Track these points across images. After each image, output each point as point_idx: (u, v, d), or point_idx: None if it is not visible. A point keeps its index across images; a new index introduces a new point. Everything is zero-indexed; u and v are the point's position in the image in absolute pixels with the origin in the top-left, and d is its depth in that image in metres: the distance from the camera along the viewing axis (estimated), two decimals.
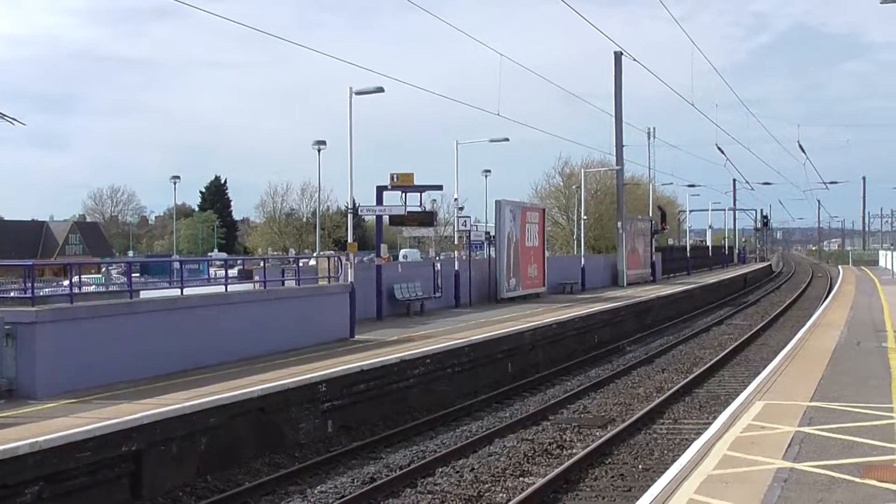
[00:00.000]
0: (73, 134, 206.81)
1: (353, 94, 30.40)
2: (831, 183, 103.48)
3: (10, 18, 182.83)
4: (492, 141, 46.55)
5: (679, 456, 13.25)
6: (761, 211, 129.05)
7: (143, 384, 18.48)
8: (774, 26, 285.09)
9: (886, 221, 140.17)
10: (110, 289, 29.45)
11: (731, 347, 32.53)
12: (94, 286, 33.25)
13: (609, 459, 17.08)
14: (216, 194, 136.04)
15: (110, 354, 18.91)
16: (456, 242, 43.84)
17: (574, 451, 17.80)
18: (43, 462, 13.42)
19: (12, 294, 23.19)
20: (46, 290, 30.20)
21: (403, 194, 34.34)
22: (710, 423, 15.83)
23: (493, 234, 44.99)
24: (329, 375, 20.04)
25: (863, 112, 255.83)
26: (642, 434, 19.18)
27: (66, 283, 24.15)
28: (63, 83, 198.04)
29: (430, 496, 15.12)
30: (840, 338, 26.04)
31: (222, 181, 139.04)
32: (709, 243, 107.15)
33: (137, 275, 42.07)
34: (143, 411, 15.60)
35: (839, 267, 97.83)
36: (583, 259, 57.26)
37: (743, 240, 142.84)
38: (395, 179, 34.48)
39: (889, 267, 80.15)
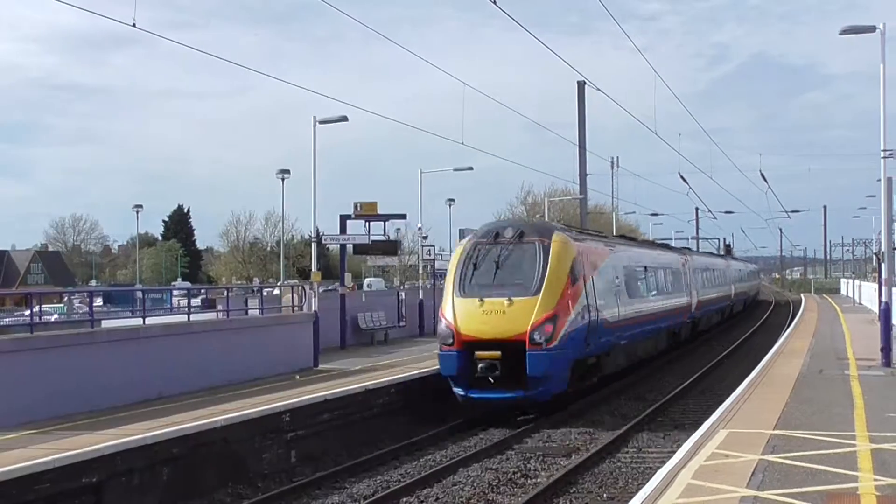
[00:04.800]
0: (34, 162, 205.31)
1: (317, 123, 30.41)
2: (793, 212, 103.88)
3: None
4: (456, 170, 46.78)
5: (643, 485, 13.23)
6: (724, 239, 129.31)
7: (105, 414, 18.31)
8: (735, 57, 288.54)
9: (847, 250, 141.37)
10: (72, 318, 29.23)
11: (694, 376, 32.58)
12: (55, 316, 33.03)
13: (574, 488, 17.03)
14: (179, 223, 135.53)
15: (71, 384, 18.73)
16: (420, 271, 43.81)
17: (539, 480, 17.74)
18: (0, 494, 13.22)
19: None
20: (7, 319, 29.89)
21: (367, 223, 34.33)
22: (674, 452, 15.83)
23: None
24: (292, 405, 19.92)
25: (822, 142, 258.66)
26: (607, 463, 19.14)
27: (27, 312, 23.93)
28: (23, 111, 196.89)
29: None
30: (803, 366, 26.17)
31: (185, 210, 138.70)
32: None
33: (100, 304, 41.72)
34: (104, 442, 15.44)
35: (801, 295, 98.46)
36: None
37: None
38: (358, 208, 34.46)
39: (850, 295, 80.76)
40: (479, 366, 23.05)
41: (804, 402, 19.27)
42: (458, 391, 23.84)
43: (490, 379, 23.05)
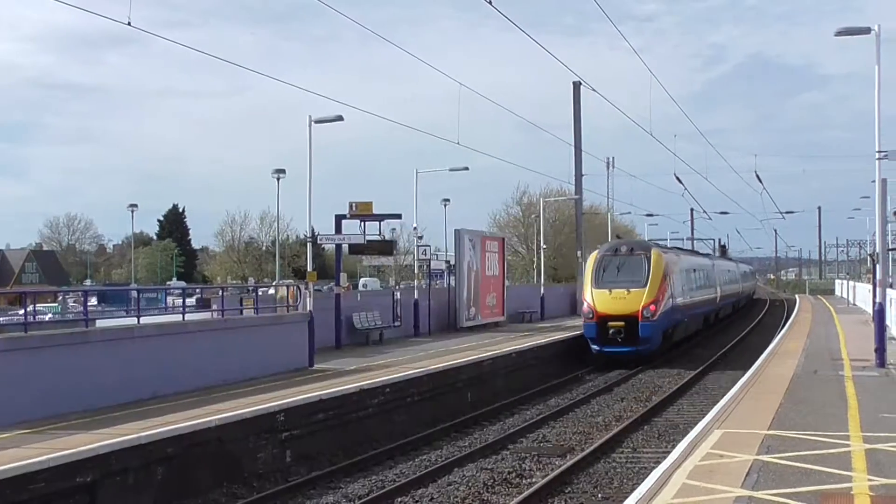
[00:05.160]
0: (29, 162, 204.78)
1: (313, 123, 30.37)
2: (788, 213, 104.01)
3: None
4: (451, 170, 46.74)
5: (638, 485, 13.25)
6: (719, 240, 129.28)
7: (99, 414, 18.28)
8: (731, 58, 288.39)
9: (842, 251, 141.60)
10: (66, 318, 29.21)
11: (689, 376, 32.64)
12: (49, 315, 32.97)
13: (569, 488, 17.06)
14: (174, 223, 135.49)
15: (65, 384, 18.70)
16: (416, 271, 43.83)
17: (533, 480, 17.76)
18: None
19: None
20: (0, 319, 29.85)
21: (362, 223, 34.31)
22: (668, 452, 15.85)
23: (452, 263, 45.04)
24: (287, 405, 19.92)
25: (818, 143, 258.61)
26: (601, 463, 19.17)
27: (21, 311, 23.92)
28: (19, 111, 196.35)
29: None
30: (797, 367, 26.19)
31: (180, 210, 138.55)
32: None
33: (94, 304, 41.67)
34: (99, 441, 15.43)
35: (796, 296, 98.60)
36: (542, 288, 57.38)
37: None
38: (353, 208, 34.44)
39: (845, 296, 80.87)
40: (610, 331, 36.49)
41: (799, 403, 19.29)
42: (595, 347, 37.31)
43: (618, 339, 36.36)
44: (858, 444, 14.79)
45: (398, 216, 39.19)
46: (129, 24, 20.71)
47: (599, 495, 16.56)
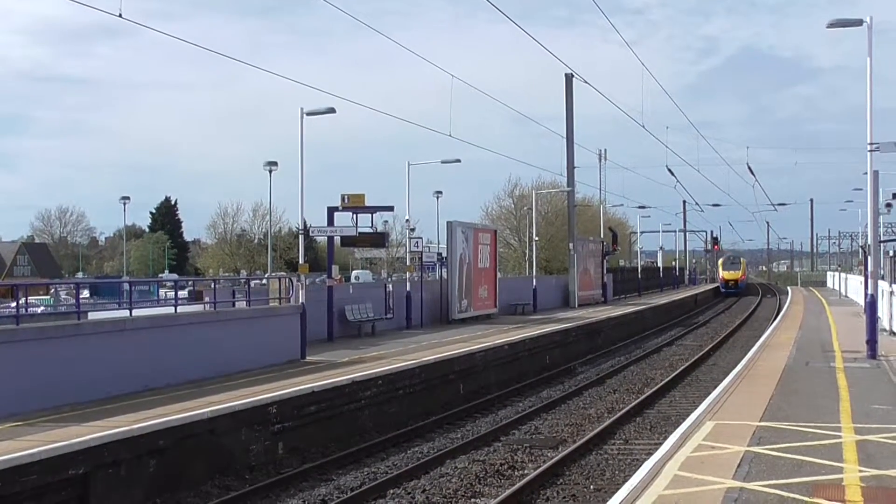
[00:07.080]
0: (21, 154, 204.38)
1: (305, 115, 30.30)
2: (780, 205, 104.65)
3: None
4: (443, 162, 46.64)
5: (630, 476, 13.27)
6: (711, 232, 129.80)
7: (91, 406, 18.26)
8: (724, 50, 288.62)
9: (833, 243, 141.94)
10: (58, 310, 29.15)
11: (681, 368, 32.68)
12: (42, 307, 32.92)
13: (561, 480, 17.08)
14: (166, 215, 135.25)
15: (57, 376, 18.67)
16: (408, 264, 43.78)
17: (526, 471, 17.78)
18: None
19: None
20: None
21: (355, 215, 34.22)
22: (660, 444, 15.88)
23: (444, 255, 44.99)
24: (280, 397, 19.91)
25: (810, 135, 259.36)
26: (594, 455, 19.19)
27: (13, 304, 23.88)
28: (10, 103, 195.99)
29: None
30: (789, 358, 26.26)
31: (172, 202, 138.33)
32: (660, 264, 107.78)
33: (86, 296, 41.64)
34: (91, 434, 15.41)
35: (788, 288, 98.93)
36: (534, 280, 57.34)
37: (693, 261, 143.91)
38: (346, 200, 34.36)
39: (836, 288, 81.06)
40: (729, 284, 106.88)
41: (790, 394, 19.34)
42: (721, 290, 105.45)
43: (732, 288, 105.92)
44: (850, 435, 14.85)
45: (390, 208, 39.14)
46: (119, 15, 20.67)
47: (591, 487, 16.57)
